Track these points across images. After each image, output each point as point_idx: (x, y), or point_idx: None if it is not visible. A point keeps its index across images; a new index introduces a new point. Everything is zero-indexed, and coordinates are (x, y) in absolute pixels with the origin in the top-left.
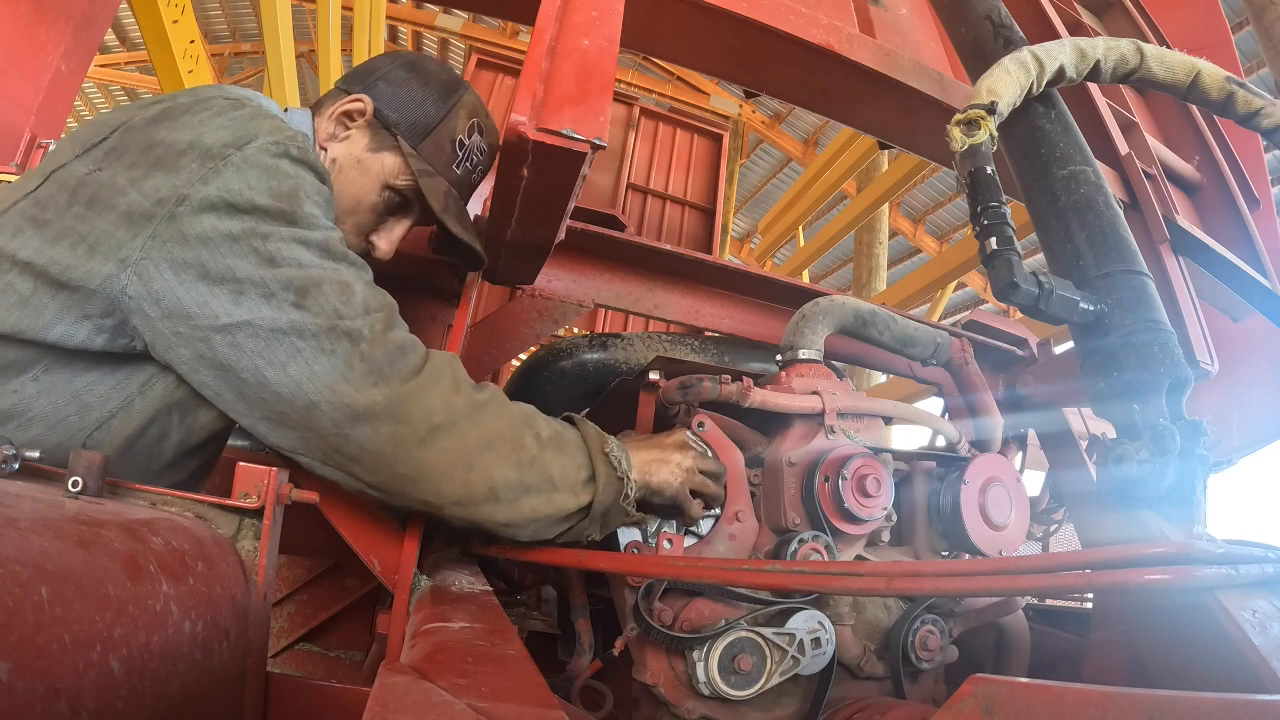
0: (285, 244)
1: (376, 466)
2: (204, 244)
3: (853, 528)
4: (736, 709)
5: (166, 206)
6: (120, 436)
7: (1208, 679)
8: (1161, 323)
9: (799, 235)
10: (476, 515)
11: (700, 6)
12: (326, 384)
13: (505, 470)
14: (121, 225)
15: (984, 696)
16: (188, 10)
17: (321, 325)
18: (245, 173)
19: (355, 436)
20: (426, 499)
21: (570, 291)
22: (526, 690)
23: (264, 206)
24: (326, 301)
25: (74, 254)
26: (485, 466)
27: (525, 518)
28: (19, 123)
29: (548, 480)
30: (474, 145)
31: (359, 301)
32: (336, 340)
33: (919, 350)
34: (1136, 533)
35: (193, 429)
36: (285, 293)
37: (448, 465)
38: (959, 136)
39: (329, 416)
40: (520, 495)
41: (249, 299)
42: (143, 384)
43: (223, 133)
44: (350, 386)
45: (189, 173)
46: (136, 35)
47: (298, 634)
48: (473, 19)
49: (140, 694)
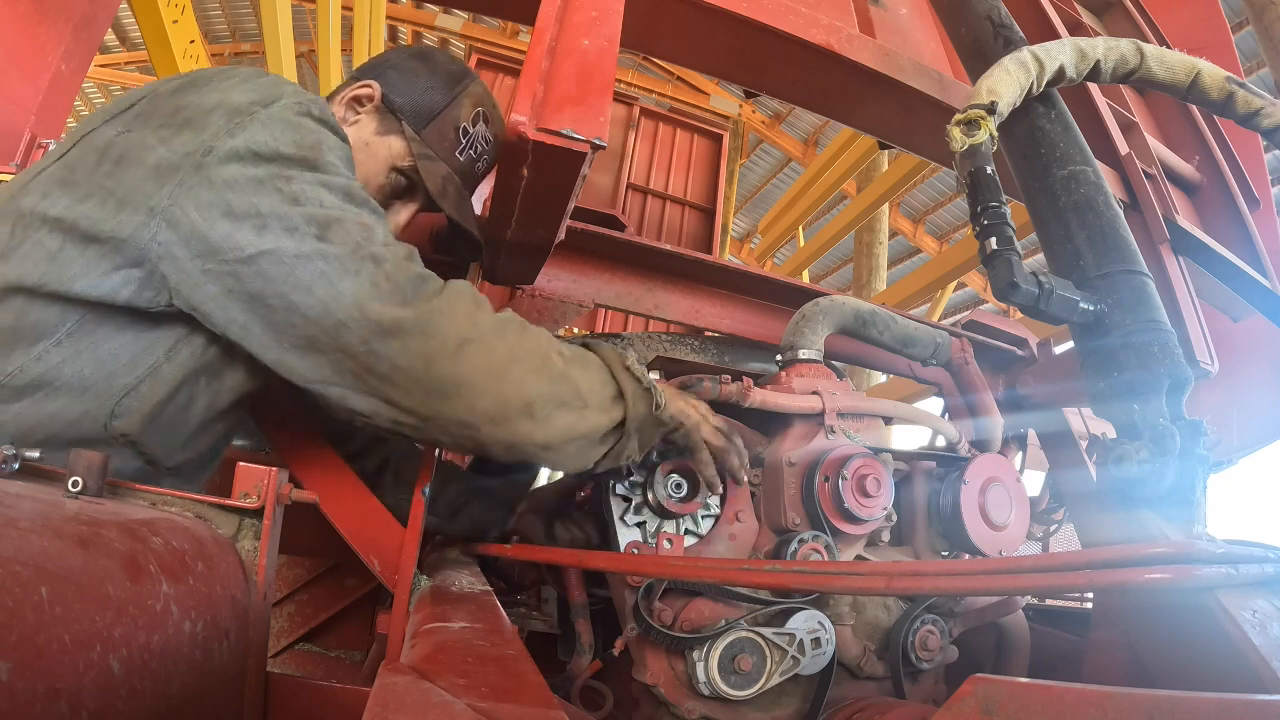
0: (308, 185)
1: (410, 385)
2: (229, 187)
3: (853, 528)
4: (736, 709)
5: (194, 158)
6: (148, 403)
7: (1208, 679)
8: (1161, 323)
9: (799, 235)
10: (514, 435)
11: (700, 6)
12: (353, 301)
13: (537, 383)
14: (150, 179)
15: (984, 696)
16: (188, 10)
17: (345, 251)
18: (270, 126)
19: (386, 353)
20: (462, 416)
21: (570, 291)
22: (526, 690)
23: (288, 154)
24: (348, 235)
25: (103, 209)
26: (517, 380)
27: (562, 436)
28: (19, 123)
29: (578, 396)
30: (478, 134)
31: (380, 237)
32: (360, 263)
33: (919, 350)
34: (1136, 533)
35: (219, 393)
36: (308, 226)
37: (481, 378)
38: (959, 136)
39: (357, 334)
40: (554, 411)
41: (272, 231)
42: (169, 349)
43: (249, 93)
44: (377, 303)
45: (215, 128)
46: (136, 35)
47: (298, 634)
48: (473, 19)
49: (140, 694)
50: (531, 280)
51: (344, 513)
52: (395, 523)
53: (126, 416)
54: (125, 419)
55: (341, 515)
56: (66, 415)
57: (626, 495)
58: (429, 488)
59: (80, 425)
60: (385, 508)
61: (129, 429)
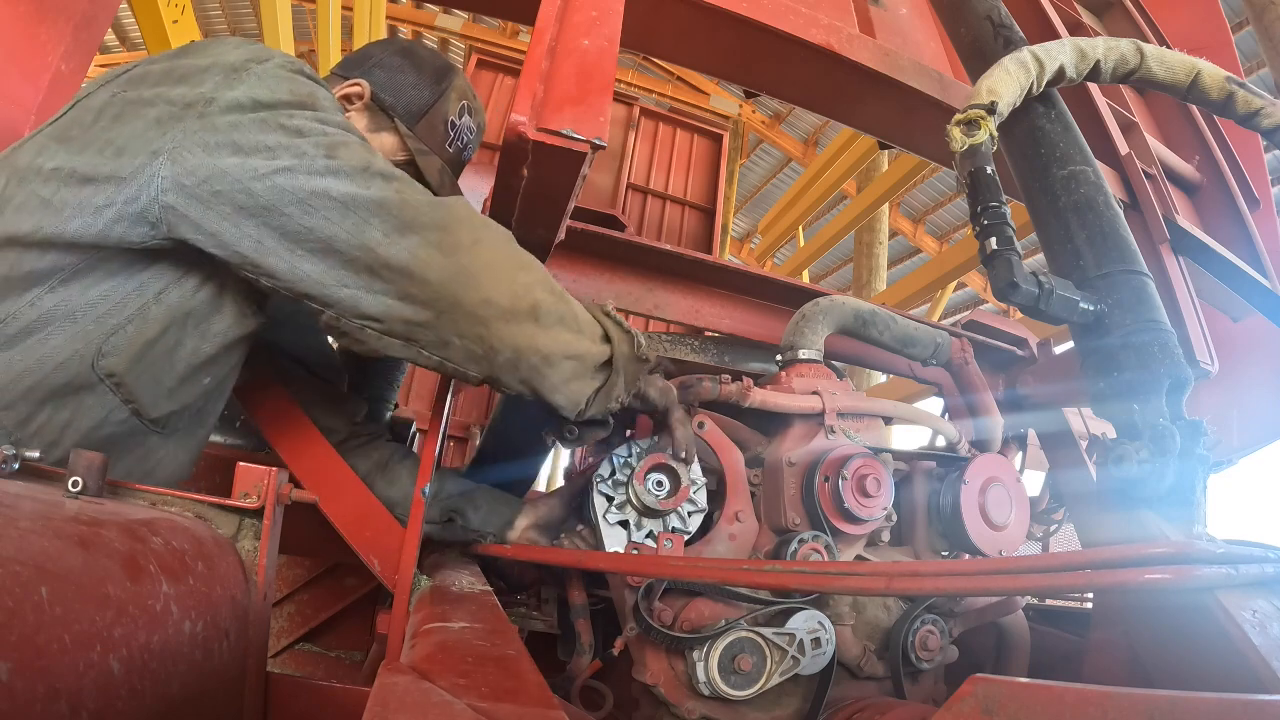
0: (308, 121)
1: (427, 275)
2: (234, 128)
3: (853, 528)
4: (736, 709)
5: (195, 109)
6: (136, 343)
7: (1208, 679)
8: (1161, 323)
9: (799, 235)
10: (520, 335)
11: (700, 6)
12: (373, 202)
13: (543, 292)
14: (151, 128)
15: (984, 696)
16: (188, 10)
17: (356, 167)
18: (265, 80)
19: (404, 244)
20: (475, 309)
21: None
22: (526, 690)
23: (285, 100)
24: (355, 154)
25: (102, 156)
26: (526, 283)
27: (562, 349)
28: (19, 123)
29: (575, 319)
30: (464, 125)
31: (383, 160)
32: (371, 178)
33: (919, 350)
34: (1136, 533)
35: (205, 337)
36: (316, 150)
37: (493, 274)
38: (959, 136)
39: (379, 229)
40: (555, 324)
41: (282, 157)
42: (158, 292)
43: (243, 53)
44: (395, 205)
45: (214, 82)
46: (136, 35)
47: (298, 634)
48: (473, 19)
49: (140, 694)
50: None
51: (344, 513)
52: (395, 523)
53: (113, 355)
54: (112, 357)
55: (341, 515)
56: (57, 356)
57: (608, 494)
58: (428, 487)
59: (69, 366)
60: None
61: (115, 367)
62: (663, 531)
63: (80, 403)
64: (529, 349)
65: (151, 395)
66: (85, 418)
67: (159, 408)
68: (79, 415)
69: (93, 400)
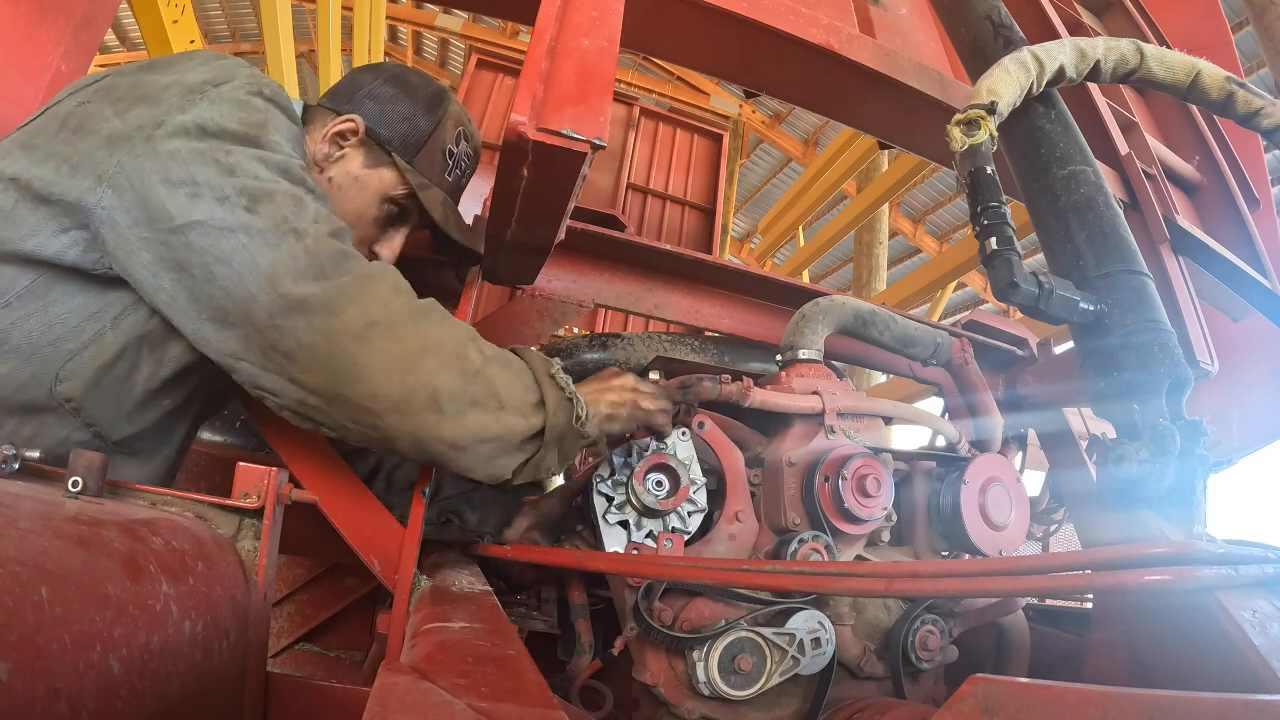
0: (245, 159)
1: (312, 363)
2: (171, 157)
3: (853, 528)
4: (736, 709)
5: (145, 130)
6: (91, 367)
7: (1208, 679)
8: (1161, 323)
9: (799, 235)
10: (419, 427)
11: (700, 6)
12: (267, 275)
13: (448, 378)
14: (102, 147)
15: (984, 696)
16: (188, 10)
17: (269, 224)
18: (218, 104)
19: (290, 328)
20: (364, 402)
21: (570, 291)
22: (526, 690)
23: (232, 130)
24: (277, 209)
25: (57, 173)
26: (426, 372)
27: (473, 435)
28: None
29: (494, 396)
30: (461, 152)
31: (310, 213)
32: (282, 236)
33: (919, 350)
34: (1136, 533)
35: (162, 361)
36: (239, 197)
37: (385, 362)
38: (959, 136)
39: (265, 308)
40: (465, 409)
41: (204, 201)
42: (115, 317)
43: (204, 73)
44: (289, 278)
45: (168, 104)
46: (136, 35)
47: (298, 634)
48: (473, 19)
49: (140, 694)
50: (531, 280)
51: (344, 513)
52: (395, 523)
53: (70, 380)
54: (69, 383)
55: (341, 515)
56: (15, 379)
57: (608, 494)
58: (429, 488)
59: (29, 389)
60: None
61: (72, 393)
62: (662, 531)
63: (42, 422)
64: (431, 439)
65: (111, 419)
66: (48, 435)
67: (119, 430)
68: (42, 432)
69: (54, 420)
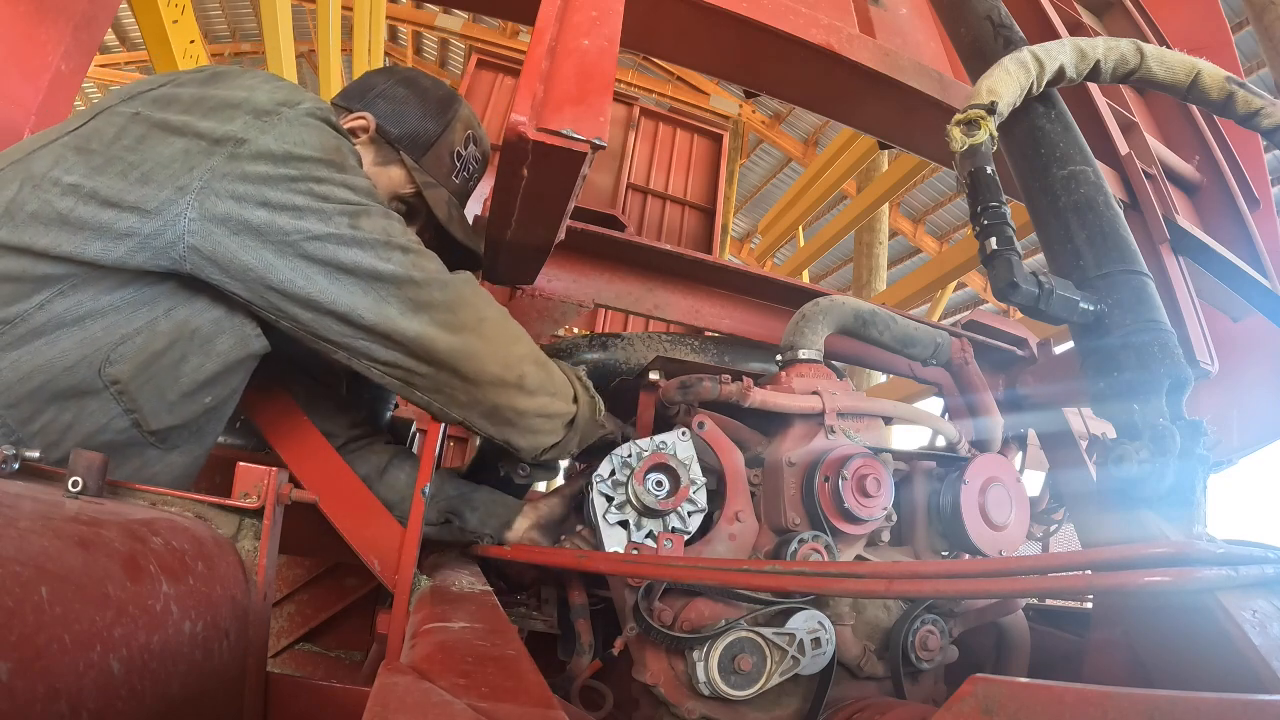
0: (336, 186)
1: (432, 348)
2: (264, 181)
3: (853, 528)
4: (736, 709)
5: (226, 147)
6: (143, 353)
7: (1208, 679)
8: (1161, 323)
9: (799, 235)
10: (503, 397)
11: (700, 6)
12: (391, 282)
13: (531, 365)
14: (177, 159)
15: (984, 696)
16: (188, 10)
17: (378, 240)
18: (296, 128)
19: (418, 320)
20: (473, 375)
21: (570, 291)
22: (526, 690)
23: (315, 157)
24: (376, 224)
25: (125, 180)
26: (518, 358)
27: (536, 409)
28: (19, 123)
29: (554, 383)
30: (470, 155)
31: (399, 228)
32: (391, 251)
33: (919, 350)
34: (1136, 533)
35: (210, 354)
36: (340, 217)
37: (492, 351)
38: (959, 136)
39: (396, 307)
40: (537, 389)
41: (309, 220)
42: (168, 308)
43: (274, 94)
44: (410, 284)
45: (244, 122)
46: (136, 35)
47: (298, 634)
48: (473, 19)
49: (140, 694)
50: (531, 280)
51: (344, 513)
52: (395, 523)
53: (120, 363)
54: (119, 365)
55: (341, 515)
56: (65, 360)
57: (608, 494)
58: (428, 488)
59: (76, 370)
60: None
61: (121, 375)
62: (662, 532)
63: (83, 407)
64: (508, 408)
65: (153, 406)
66: (87, 422)
67: (159, 420)
68: (81, 419)
69: (96, 405)
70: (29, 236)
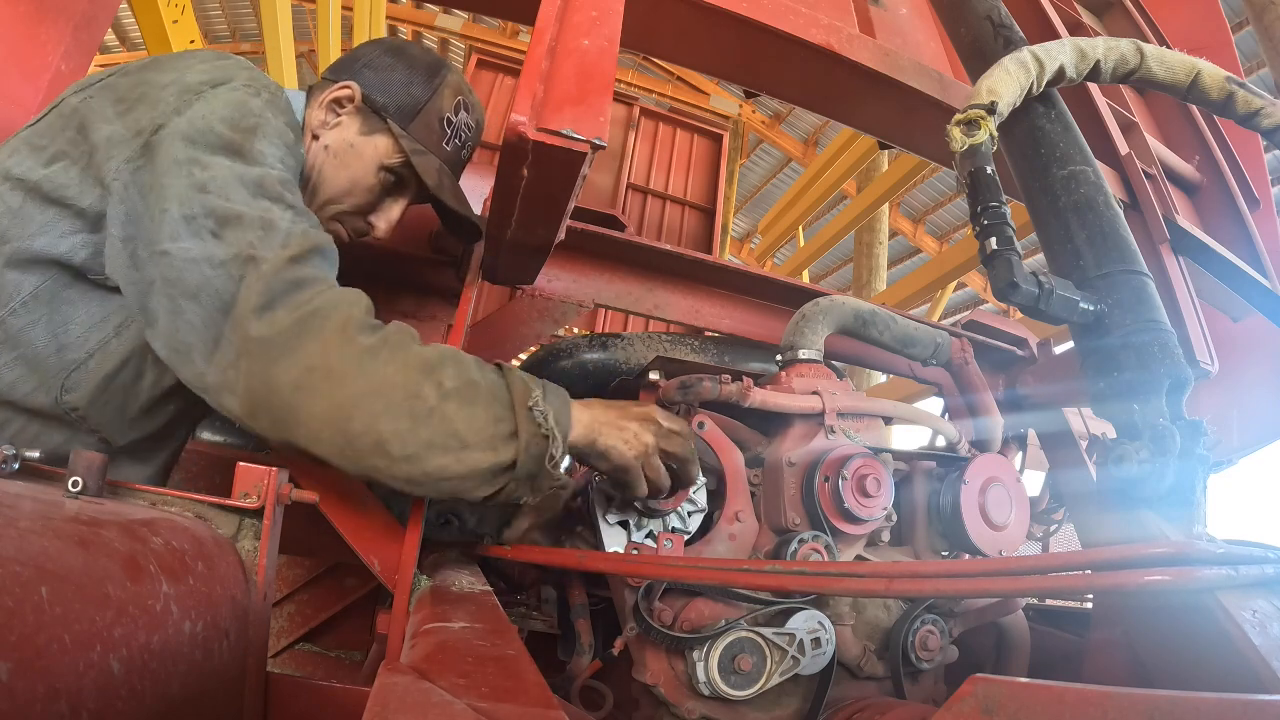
0: (221, 174)
1: (256, 408)
2: (170, 166)
3: (853, 528)
4: (736, 709)
5: (143, 135)
6: (96, 377)
7: (1208, 679)
8: (1161, 323)
9: (799, 235)
10: (369, 470)
11: (700, 6)
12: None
13: (394, 422)
14: (103, 148)
15: (984, 696)
16: (188, 10)
17: (230, 254)
18: (212, 105)
19: (243, 370)
20: (308, 446)
21: (570, 291)
22: (526, 690)
23: (218, 133)
24: (242, 235)
25: (67, 174)
26: (369, 417)
27: (431, 475)
28: (19, 123)
29: (452, 435)
30: (461, 122)
31: (277, 237)
32: (243, 266)
33: (919, 350)
34: (1136, 533)
35: (165, 370)
36: (206, 219)
37: (323, 412)
38: (959, 136)
39: (202, 350)
40: (420, 451)
41: (170, 220)
42: (119, 325)
43: (203, 73)
44: (245, 317)
45: (165, 105)
46: (136, 35)
47: (298, 634)
48: (473, 19)
49: (140, 694)
50: (531, 280)
51: (344, 513)
52: (395, 523)
53: (75, 391)
54: (75, 393)
55: (341, 515)
56: (23, 386)
57: (608, 494)
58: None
59: (35, 397)
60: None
61: (78, 403)
62: (662, 531)
63: (45, 425)
64: (385, 477)
65: (116, 425)
66: (54, 437)
67: (124, 435)
68: (46, 434)
69: (59, 426)
70: None
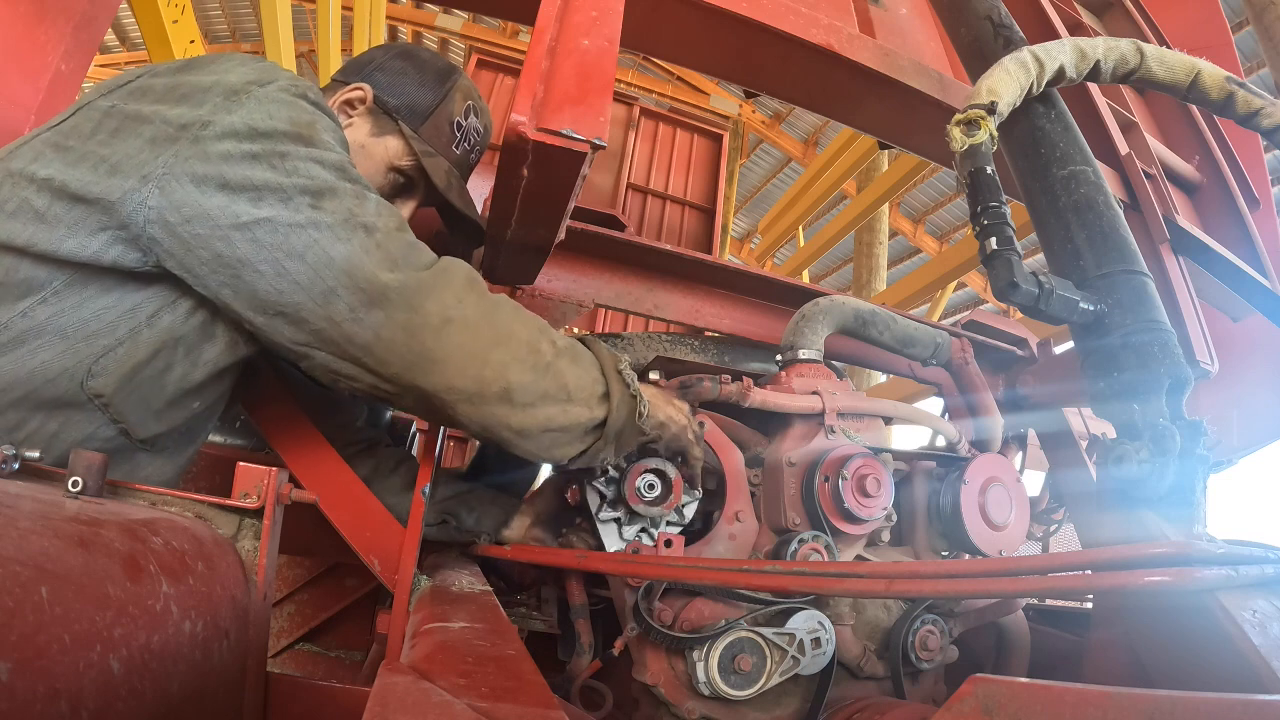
0: (302, 161)
1: (387, 356)
2: (224, 160)
3: (853, 528)
4: (736, 709)
5: (191, 130)
6: (125, 365)
7: (1208, 679)
8: (1161, 323)
9: (799, 235)
10: (489, 417)
11: (700, 6)
12: (343, 268)
13: (520, 373)
14: (145, 149)
15: (984, 696)
16: (188, 10)
17: (338, 219)
18: (266, 105)
19: (369, 322)
20: (438, 391)
21: (570, 291)
22: (526, 690)
23: (283, 130)
24: (341, 203)
25: (95, 173)
26: (499, 365)
27: (539, 425)
28: (19, 122)
29: (563, 389)
30: (470, 126)
31: (372, 208)
32: (352, 230)
33: (919, 350)
34: (1136, 533)
35: (195, 364)
36: (302, 196)
37: (461, 358)
38: (959, 136)
39: (346, 301)
40: (535, 400)
41: (267, 202)
42: (151, 315)
43: (246, 74)
44: (366, 271)
45: (212, 104)
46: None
47: (298, 634)
48: (473, 19)
49: (140, 694)
50: (531, 280)
51: (344, 513)
52: (395, 523)
53: (103, 376)
54: (101, 379)
55: (341, 515)
56: (46, 372)
57: (603, 491)
58: (427, 488)
59: (59, 383)
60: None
61: (104, 389)
62: (662, 531)
63: (68, 417)
64: (499, 426)
65: (139, 417)
66: (73, 431)
67: (147, 429)
68: (67, 428)
69: (81, 417)
70: (7, 234)
